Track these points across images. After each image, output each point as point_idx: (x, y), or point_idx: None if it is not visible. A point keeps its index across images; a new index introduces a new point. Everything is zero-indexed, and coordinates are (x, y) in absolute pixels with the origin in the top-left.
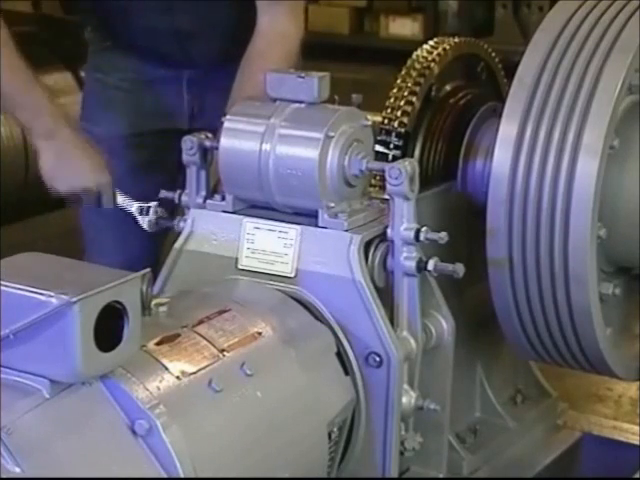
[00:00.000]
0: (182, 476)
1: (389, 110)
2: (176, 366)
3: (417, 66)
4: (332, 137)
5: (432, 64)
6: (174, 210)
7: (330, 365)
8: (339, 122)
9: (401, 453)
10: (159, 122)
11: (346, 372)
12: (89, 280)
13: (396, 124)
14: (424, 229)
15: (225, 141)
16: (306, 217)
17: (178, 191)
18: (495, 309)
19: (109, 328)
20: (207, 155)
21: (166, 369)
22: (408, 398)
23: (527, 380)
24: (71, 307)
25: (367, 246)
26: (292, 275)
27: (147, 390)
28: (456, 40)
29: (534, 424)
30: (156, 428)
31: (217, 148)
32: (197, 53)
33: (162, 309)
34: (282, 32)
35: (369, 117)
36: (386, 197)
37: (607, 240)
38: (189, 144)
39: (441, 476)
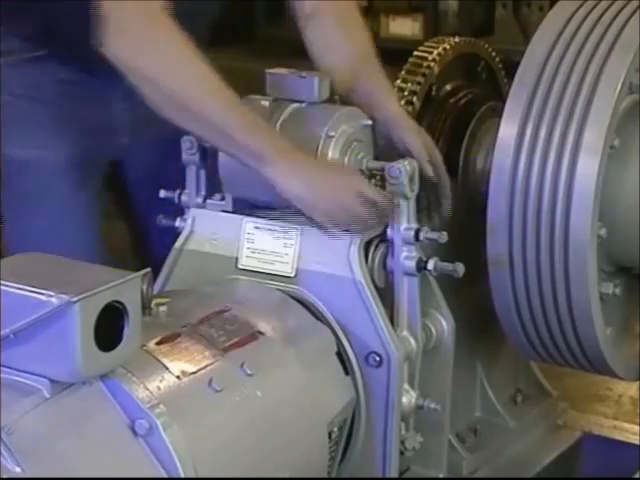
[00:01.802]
0: (182, 476)
1: None
2: (176, 366)
3: (417, 66)
4: (332, 137)
5: (432, 64)
6: None
7: (330, 365)
8: (339, 122)
9: (401, 453)
10: (99, 137)
11: (346, 372)
12: (89, 280)
13: None
14: (424, 229)
15: None
16: (306, 217)
17: (177, 191)
18: (495, 309)
19: (109, 328)
20: (207, 155)
21: (166, 369)
22: (408, 398)
23: (527, 380)
24: (71, 307)
25: (367, 246)
26: (292, 275)
27: (147, 390)
28: (456, 40)
29: (534, 424)
30: (156, 428)
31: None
32: None
33: (162, 309)
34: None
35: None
36: None
37: (607, 240)
38: (188, 144)
39: (441, 476)
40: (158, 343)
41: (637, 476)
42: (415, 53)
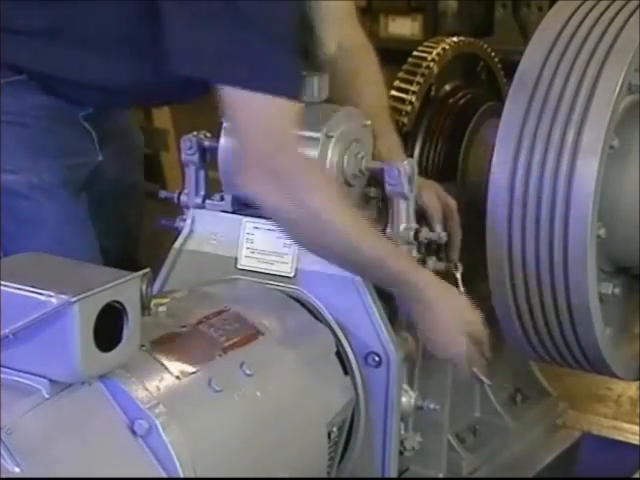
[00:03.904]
0: (182, 476)
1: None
2: (176, 366)
3: (416, 66)
4: (331, 137)
5: (431, 64)
6: None
7: (330, 365)
8: (338, 122)
9: (400, 453)
10: (73, 157)
11: (345, 372)
12: (89, 280)
13: (396, 124)
14: (423, 229)
15: (225, 140)
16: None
17: (177, 191)
18: (495, 309)
19: (109, 328)
20: (206, 155)
21: (166, 369)
22: (408, 398)
23: (527, 380)
24: (71, 307)
25: None
26: (291, 275)
27: (147, 390)
28: (455, 40)
29: (534, 424)
30: (156, 428)
31: (216, 148)
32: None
33: (162, 309)
34: (361, 42)
35: None
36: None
37: (607, 240)
38: (188, 144)
39: (441, 476)
40: (157, 343)
41: (637, 476)
42: (414, 53)
